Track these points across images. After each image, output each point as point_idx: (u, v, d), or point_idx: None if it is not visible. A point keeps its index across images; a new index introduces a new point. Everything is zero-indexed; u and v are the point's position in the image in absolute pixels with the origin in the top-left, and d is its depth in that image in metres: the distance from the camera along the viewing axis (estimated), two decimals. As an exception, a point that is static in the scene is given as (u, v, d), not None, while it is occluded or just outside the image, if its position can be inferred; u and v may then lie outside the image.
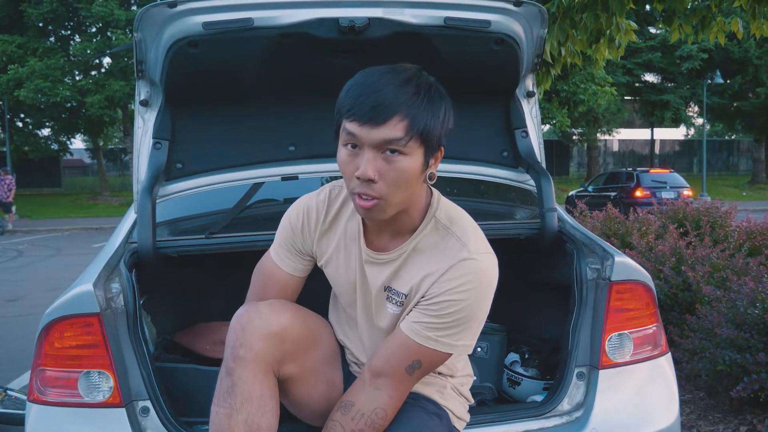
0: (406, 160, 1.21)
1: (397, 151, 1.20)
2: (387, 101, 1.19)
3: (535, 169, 2.15)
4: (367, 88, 1.21)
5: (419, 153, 1.23)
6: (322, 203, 1.46)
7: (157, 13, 1.76)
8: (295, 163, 2.15)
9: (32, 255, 12.29)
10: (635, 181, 15.73)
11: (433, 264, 1.32)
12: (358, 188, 1.23)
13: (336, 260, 1.46)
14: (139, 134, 2.04)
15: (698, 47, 24.13)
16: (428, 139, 1.23)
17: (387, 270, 1.38)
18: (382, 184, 1.21)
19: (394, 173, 1.21)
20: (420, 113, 1.21)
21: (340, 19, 1.79)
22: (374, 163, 1.20)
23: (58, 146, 26.94)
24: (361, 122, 1.19)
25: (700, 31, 4.79)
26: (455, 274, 1.29)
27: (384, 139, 1.19)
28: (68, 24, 23.52)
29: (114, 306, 1.65)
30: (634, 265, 1.88)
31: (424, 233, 1.36)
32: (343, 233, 1.45)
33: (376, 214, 1.27)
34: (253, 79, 1.98)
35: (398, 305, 1.38)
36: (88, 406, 1.59)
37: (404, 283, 1.37)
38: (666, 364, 1.88)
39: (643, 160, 34.11)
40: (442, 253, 1.32)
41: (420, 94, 1.22)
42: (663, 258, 3.81)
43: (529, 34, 1.95)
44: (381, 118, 1.18)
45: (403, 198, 1.26)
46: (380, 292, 1.40)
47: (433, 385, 1.49)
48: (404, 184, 1.23)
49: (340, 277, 1.47)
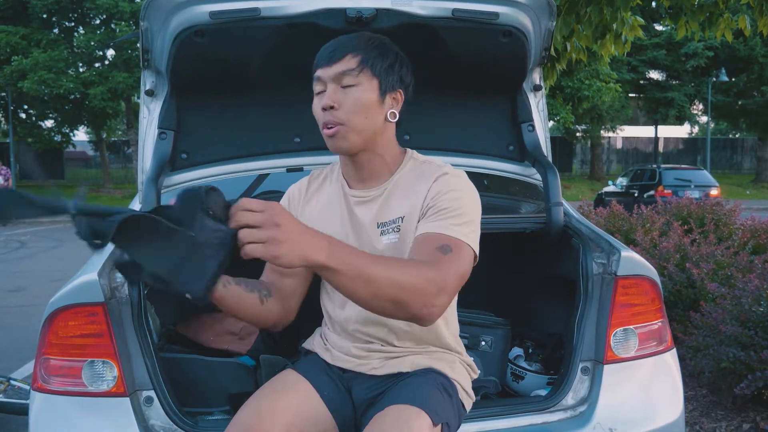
0: (359, 90, 1.38)
1: (351, 82, 1.38)
2: (343, 44, 1.41)
3: (542, 163, 2.14)
4: (327, 45, 1.43)
5: (373, 85, 1.40)
6: (304, 183, 1.60)
7: (164, 2, 1.75)
8: (300, 154, 2.14)
9: (35, 246, 12.31)
10: (657, 179, 14.93)
11: (419, 187, 1.43)
12: (323, 118, 1.40)
13: (321, 219, 1.50)
14: (144, 124, 2.03)
15: (703, 45, 24.04)
16: (380, 74, 1.40)
17: (374, 206, 1.47)
18: (341, 111, 1.38)
19: (350, 101, 1.38)
20: (370, 53, 1.40)
21: (348, 9, 1.79)
22: (333, 94, 1.38)
23: (61, 138, 26.97)
24: (322, 64, 1.40)
25: (707, 27, 4.77)
26: (440, 185, 1.41)
27: (340, 72, 1.38)
28: (72, 15, 23.49)
29: (119, 295, 1.64)
30: (640, 260, 1.87)
31: (404, 171, 1.49)
32: (327, 198, 1.54)
33: (340, 142, 1.40)
34: (259, 70, 1.97)
35: (395, 232, 1.44)
36: (92, 396, 1.59)
37: (393, 211, 1.45)
38: (671, 360, 1.88)
39: (647, 157, 34.01)
40: (423, 176, 1.44)
41: (373, 42, 1.43)
42: (667, 255, 3.80)
43: (537, 27, 1.94)
44: (337, 57, 1.39)
45: (363, 126, 1.39)
46: (373, 229, 1.46)
47: (444, 360, 1.50)
48: (362, 110, 1.38)
49: (321, 230, 1.47)
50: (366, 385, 1.49)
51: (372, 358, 1.50)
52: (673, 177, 14.91)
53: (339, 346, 1.53)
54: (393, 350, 1.49)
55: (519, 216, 2.25)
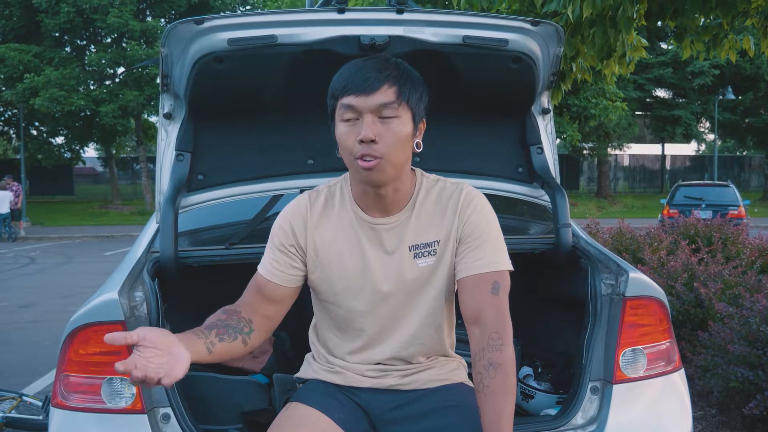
0: (399, 123, 1.40)
1: (391, 113, 1.39)
2: (375, 75, 1.39)
3: (550, 185, 2.18)
4: (356, 70, 1.41)
5: (408, 118, 1.42)
6: (304, 205, 1.55)
7: (184, 30, 1.80)
8: (313, 176, 2.19)
9: (44, 262, 12.40)
10: (669, 197, 13.98)
11: (448, 210, 1.49)
12: (361, 150, 1.37)
13: (336, 247, 1.51)
14: (162, 146, 2.08)
15: (710, 63, 24.09)
16: (414, 105, 1.43)
17: (403, 231, 1.50)
18: (382, 144, 1.38)
19: (390, 134, 1.38)
20: (404, 83, 1.41)
21: (362, 36, 1.84)
22: (373, 126, 1.37)
23: (71, 154, 27.22)
24: (357, 93, 1.38)
25: (711, 48, 4.82)
26: (470, 210, 1.49)
27: (380, 103, 1.38)
28: (84, 34, 23.84)
29: (138, 314, 1.68)
30: (648, 281, 1.89)
31: (423, 193, 1.52)
32: (339, 224, 1.52)
33: (377, 175, 1.40)
34: (275, 94, 2.02)
35: (431, 255, 1.49)
36: (111, 412, 1.62)
37: (427, 235, 1.50)
38: (679, 380, 1.90)
39: (653, 175, 33.97)
40: (445, 197, 1.51)
41: (400, 68, 1.44)
42: (675, 274, 3.82)
43: (546, 53, 1.99)
44: (374, 87, 1.38)
45: (399, 159, 1.42)
46: (405, 253, 1.49)
47: (451, 368, 1.61)
48: (400, 144, 1.40)
49: (344, 262, 1.50)
50: (383, 399, 1.54)
51: (389, 376, 1.55)
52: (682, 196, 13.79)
53: (351, 368, 1.57)
54: (408, 367, 1.56)
55: (528, 237, 2.29)
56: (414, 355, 1.55)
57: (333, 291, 1.53)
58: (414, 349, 1.54)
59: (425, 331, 1.53)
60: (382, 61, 1.44)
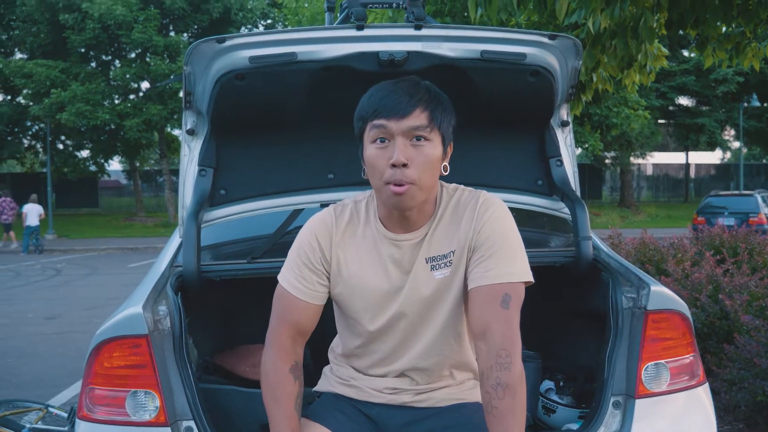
0: (430, 146, 1.39)
1: (423, 137, 1.38)
2: (407, 98, 1.39)
3: (570, 198, 2.17)
4: (387, 93, 1.41)
5: (439, 141, 1.42)
6: (330, 219, 1.55)
7: (207, 48, 1.84)
8: (333, 190, 2.21)
9: (70, 274, 12.60)
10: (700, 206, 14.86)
11: (464, 219, 1.48)
12: (393, 176, 1.37)
13: (359, 265, 1.51)
14: (185, 162, 2.12)
15: (734, 71, 23.79)
16: (444, 130, 1.43)
17: (422, 244, 1.49)
18: (413, 168, 1.37)
19: (422, 158, 1.38)
20: (435, 107, 1.41)
21: (380, 53, 1.86)
22: (405, 150, 1.37)
23: (96, 167, 27.72)
24: (389, 116, 1.37)
25: (734, 56, 4.77)
26: (485, 218, 1.46)
27: (412, 126, 1.37)
28: (109, 50, 24.34)
29: (161, 328, 1.71)
30: (670, 295, 1.88)
31: (442, 207, 1.51)
32: (364, 242, 1.52)
33: (407, 200, 1.39)
34: (295, 110, 2.05)
35: (446, 266, 1.48)
36: (135, 425, 1.64)
37: (443, 246, 1.49)
38: (703, 395, 1.87)
39: (677, 184, 33.53)
40: (462, 206, 1.50)
41: (430, 93, 1.43)
42: (699, 286, 3.76)
43: (564, 66, 1.99)
44: (407, 110, 1.37)
45: (430, 183, 1.42)
46: (422, 265, 1.49)
47: (464, 385, 1.60)
48: (431, 168, 1.40)
49: (366, 280, 1.50)
50: (396, 415, 1.56)
51: (403, 393, 1.56)
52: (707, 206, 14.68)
53: (368, 382, 1.59)
54: (423, 386, 1.57)
55: (548, 250, 2.28)
56: (435, 366, 1.55)
57: (354, 308, 1.54)
58: (435, 359, 1.54)
59: (445, 341, 1.53)
60: (413, 84, 1.43)
